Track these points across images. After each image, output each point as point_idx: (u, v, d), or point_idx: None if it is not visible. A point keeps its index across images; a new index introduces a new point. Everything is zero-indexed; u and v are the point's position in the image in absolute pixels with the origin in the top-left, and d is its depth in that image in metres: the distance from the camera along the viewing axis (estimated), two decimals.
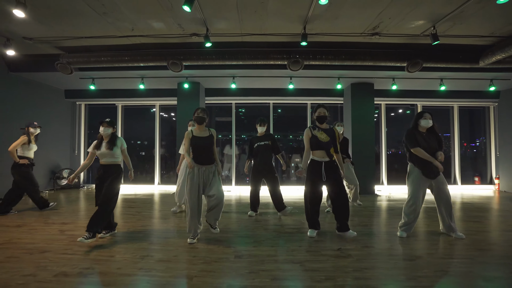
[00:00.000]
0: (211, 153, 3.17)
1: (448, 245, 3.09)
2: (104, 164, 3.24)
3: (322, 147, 3.25)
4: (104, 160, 3.24)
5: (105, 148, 3.20)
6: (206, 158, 3.13)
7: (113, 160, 3.26)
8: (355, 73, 5.88)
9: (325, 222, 3.94)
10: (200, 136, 3.14)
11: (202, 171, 3.10)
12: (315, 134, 3.30)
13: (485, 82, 6.17)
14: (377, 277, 2.33)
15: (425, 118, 3.25)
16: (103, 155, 3.23)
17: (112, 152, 3.22)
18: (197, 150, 3.13)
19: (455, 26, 4.25)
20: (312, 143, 3.30)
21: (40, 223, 3.88)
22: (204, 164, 3.12)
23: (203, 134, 3.17)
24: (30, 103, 6.32)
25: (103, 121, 3.26)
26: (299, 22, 4.24)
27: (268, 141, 4.25)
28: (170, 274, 2.35)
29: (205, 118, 3.17)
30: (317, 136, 3.28)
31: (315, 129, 3.34)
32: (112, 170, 3.22)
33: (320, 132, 3.30)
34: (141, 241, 3.17)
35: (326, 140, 3.25)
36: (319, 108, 3.37)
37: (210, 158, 3.16)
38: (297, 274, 2.38)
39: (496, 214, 4.65)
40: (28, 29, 4.38)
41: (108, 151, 3.20)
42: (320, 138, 3.26)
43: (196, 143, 3.12)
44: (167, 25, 4.37)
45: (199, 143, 3.12)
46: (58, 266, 2.47)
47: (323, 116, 3.34)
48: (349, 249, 2.93)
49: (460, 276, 2.34)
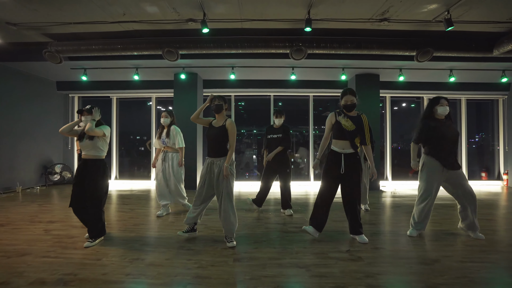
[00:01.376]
0: (220, 145, 2.83)
1: (465, 246, 2.84)
2: (86, 158, 2.90)
3: (345, 136, 2.82)
4: (86, 152, 2.90)
5: (87, 139, 2.88)
6: (214, 149, 2.84)
7: (96, 154, 2.90)
8: (360, 63, 5.58)
9: (330, 220, 3.69)
10: (215, 126, 2.87)
11: (209, 164, 2.85)
12: (339, 120, 2.87)
13: (496, 73, 5.88)
14: (393, 284, 2.08)
15: (442, 104, 2.96)
16: (85, 147, 2.89)
17: (94, 143, 2.88)
18: (208, 141, 2.90)
19: (471, 11, 3.95)
20: (335, 131, 2.90)
21: (26, 221, 3.62)
22: (212, 156, 2.85)
23: (219, 123, 2.87)
24: (21, 95, 6.02)
25: (82, 109, 2.92)
26: (303, 6, 3.94)
27: (280, 134, 4.01)
28: (160, 281, 2.10)
29: (222, 105, 2.86)
30: (341, 123, 2.85)
31: (341, 115, 2.90)
32: (96, 165, 2.88)
33: (346, 118, 2.86)
34: (132, 242, 2.92)
35: (351, 128, 2.82)
36: (346, 94, 2.89)
37: (218, 151, 2.83)
38: (303, 281, 2.13)
39: (509, 211, 4.41)
40: (11, 13, 4.06)
41: (89, 141, 2.87)
42: (344, 126, 2.83)
43: (208, 133, 2.89)
44: (161, 10, 4.06)
45: (210, 132, 2.88)
46: (36, 271, 2.21)
47: (351, 105, 2.87)
48: (359, 251, 2.68)
49: (485, 283, 2.09)
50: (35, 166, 6.47)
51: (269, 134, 4.10)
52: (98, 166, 2.88)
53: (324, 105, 7.90)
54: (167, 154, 4.00)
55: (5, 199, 5.11)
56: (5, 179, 5.69)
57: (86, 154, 2.91)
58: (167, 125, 3.97)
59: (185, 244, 2.85)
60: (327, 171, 2.92)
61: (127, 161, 7.92)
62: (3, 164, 5.65)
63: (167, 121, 3.96)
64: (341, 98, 2.95)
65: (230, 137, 2.81)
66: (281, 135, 4.00)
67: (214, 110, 2.89)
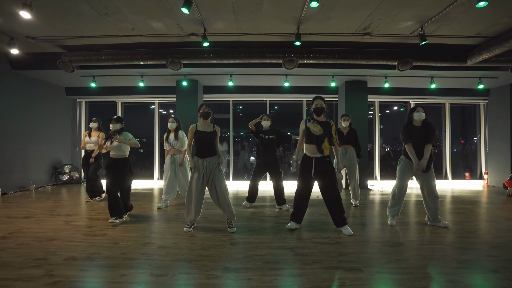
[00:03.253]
0: (213, 147, 3.33)
1: (431, 233, 3.31)
2: (113, 157, 3.71)
3: (312, 141, 3.19)
4: (113, 153, 3.71)
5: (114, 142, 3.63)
6: (209, 151, 3.31)
7: (121, 154, 3.70)
8: (348, 71, 6.06)
9: (317, 214, 4.16)
10: (205, 130, 3.32)
11: (206, 163, 3.28)
12: (308, 126, 3.23)
13: (474, 80, 6.38)
14: (360, 260, 2.54)
15: (418, 111, 3.44)
16: (112, 148, 3.69)
17: (119, 146, 3.64)
18: (200, 144, 3.30)
19: (442, 27, 4.44)
20: (305, 136, 3.26)
21: (46, 215, 4.07)
22: (207, 156, 3.30)
23: (208, 129, 3.34)
24: (32, 100, 6.48)
25: (111, 119, 3.70)
26: (293, 23, 4.42)
27: (273, 135, 4.38)
28: (170, 258, 2.56)
29: (210, 113, 3.37)
30: (310, 129, 3.20)
31: (310, 121, 3.27)
32: (121, 163, 3.70)
33: (314, 124, 3.22)
34: (143, 230, 3.38)
35: (319, 133, 3.17)
36: (316, 99, 3.30)
37: (213, 151, 3.33)
38: (287, 258, 2.59)
39: (481, 207, 4.88)
40: (32, 28, 4.53)
41: (116, 145, 3.65)
42: (313, 131, 3.18)
43: (200, 137, 3.30)
44: (166, 25, 4.53)
45: (203, 137, 3.29)
46: (66, 251, 2.67)
47: (320, 108, 3.26)
48: (338, 237, 3.14)
49: (436, 259, 2.56)
50: (46, 167, 6.91)
51: (262, 134, 4.40)
52: (123, 163, 3.74)
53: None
54: (174, 157, 4.57)
55: (21, 196, 5.55)
56: (19, 178, 6.14)
57: (114, 154, 3.70)
58: (173, 129, 4.49)
59: (189, 232, 3.30)
60: (301, 173, 3.34)
61: (133, 162, 8.36)
62: (17, 164, 6.09)
63: (173, 126, 4.50)
64: (311, 103, 3.37)
65: (217, 140, 3.46)
66: (274, 136, 4.40)
67: (202, 116, 3.35)
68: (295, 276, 2.24)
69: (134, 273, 2.27)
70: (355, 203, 4.75)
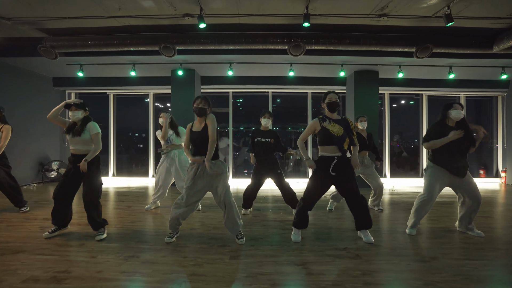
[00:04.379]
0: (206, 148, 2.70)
1: (462, 244, 2.83)
2: (76, 154, 2.87)
3: (334, 142, 2.75)
4: (75, 148, 2.87)
5: (76, 135, 2.83)
6: (202, 152, 2.72)
7: (86, 149, 2.87)
8: (359, 59, 5.53)
9: (328, 218, 3.68)
10: (197, 130, 2.73)
11: (200, 166, 2.74)
12: (326, 127, 2.78)
13: (496, 70, 5.85)
14: (390, 282, 2.06)
15: (456, 108, 2.92)
16: (74, 143, 2.86)
17: (83, 139, 2.84)
18: (193, 144, 2.78)
19: (472, 5, 3.90)
20: (321, 137, 2.82)
21: (20, 218, 3.60)
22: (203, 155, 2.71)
23: (200, 127, 2.74)
24: (16, 91, 5.95)
25: (71, 104, 2.88)
26: (301, 0, 3.88)
27: (271, 139, 3.81)
28: (155, 278, 2.08)
29: (205, 109, 2.71)
30: (329, 129, 2.77)
31: (326, 121, 2.82)
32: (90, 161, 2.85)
33: (332, 124, 2.79)
34: (128, 239, 2.89)
35: (340, 133, 2.75)
36: (329, 93, 2.87)
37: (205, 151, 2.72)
38: (299, 279, 2.11)
39: (506, 209, 4.40)
40: (5, 7, 4.00)
41: (78, 138, 2.83)
42: (333, 131, 2.75)
43: (192, 137, 2.76)
44: (157, 4, 4.00)
45: (196, 136, 2.72)
46: (30, 269, 2.19)
47: (335, 103, 2.83)
48: (356, 249, 2.66)
49: (482, 281, 2.08)
50: (32, 163, 6.42)
51: (257, 137, 3.84)
52: (91, 161, 2.84)
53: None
54: (171, 152, 4.02)
55: (1, 195, 5.06)
56: None
57: (75, 150, 2.86)
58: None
59: (181, 241, 2.83)
60: (319, 174, 2.83)
61: (125, 158, 7.88)
62: None
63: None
64: (324, 99, 2.91)
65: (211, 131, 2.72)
66: (272, 140, 3.82)
67: (196, 113, 2.73)
68: None
69: None
70: (378, 209, 4.15)
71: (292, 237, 2.89)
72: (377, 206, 4.18)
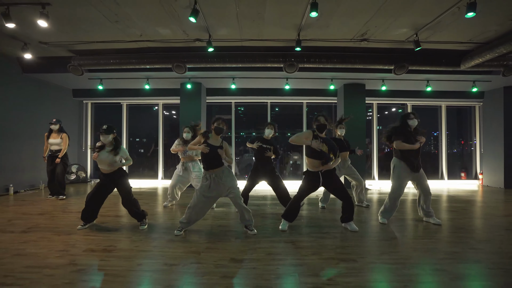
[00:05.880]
0: (218, 160, 3.24)
1: (423, 229, 3.53)
2: (105, 173, 3.39)
3: (320, 157, 3.23)
4: (103, 168, 3.35)
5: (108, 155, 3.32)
6: (213, 163, 3.24)
7: (111, 169, 3.37)
8: (347, 75, 6.28)
9: (318, 213, 4.37)
10: (213, 144, 3.23)
11: (213, 176, 3.24)
12: (317, 145, 3.19)
13: (468, 83, 6.60)
14: (356, 252, 2.76)
15: (411, 118, 3.68)
16: (102, 162, 3.34)
17: (111, 161, 3.32)
18: (208, 156, 3.22)
19: (436, 33, 4.66)
20: (311, 150, 3.27)
21: (59, 211, 4.29)
22: (214, 168, 3.24)
23: (216, 143, 3.27)
24: (40, 102, 6.70)
25: (100, 131, 3.34)
26: (294, 29, 4.64)
27: (270, 146, 4.29)
28: (180, 250, 2.77)
29: (223, 130, 3.29)
30: (321, 149, 3.20)
31: (318, 139, 3.24)
32: (116, 175, 3.41)
33: (322, 144, 3.21)
34: (150, 227, 3.59)
35: (326, 152, 3.21)
36: (319, 116, 3.36)
37: (217, 164, 3.26)
38: (288, 251, 2.81)
39: (474, 205, 5.10)
40: (45, 34, 4.75)
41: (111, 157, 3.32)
42: (324, 149, 3.20)
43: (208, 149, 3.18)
44: (173, 32, 4.75)
45: (211, 150, 3.16)
46: (85, 244, 2.90)
47: (323, 125, 3.32)
48: (336, 233, 3.36)
49: (425, 251, 2.78)
50: None
51: (260, 142, 4.25)
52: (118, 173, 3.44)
53: (318, 110, 8.60)
54: (187, 164, 4.66)
55: (32, 195, 5.78)
56: (29, 177, 6.36)
57: (104, 169, 3.37)
58: (188, 139, 4.54)
59: (196, 228, 3.52)
60: (308, 185, 3.39)
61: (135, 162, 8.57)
62: (27, 164, 6.32)
63: (189, 136, 4.55)
64: (314, 120, 3.40)
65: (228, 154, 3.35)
66: (272, 147, 4.29)
67: (215, 131, 3.28)
68: (296, 266, 2.46)
69: (149, 262, 2.49)
70: (365, 204, 4.85)
71: (280, 226, 3.51)
72: (363, 202, 4.89)
